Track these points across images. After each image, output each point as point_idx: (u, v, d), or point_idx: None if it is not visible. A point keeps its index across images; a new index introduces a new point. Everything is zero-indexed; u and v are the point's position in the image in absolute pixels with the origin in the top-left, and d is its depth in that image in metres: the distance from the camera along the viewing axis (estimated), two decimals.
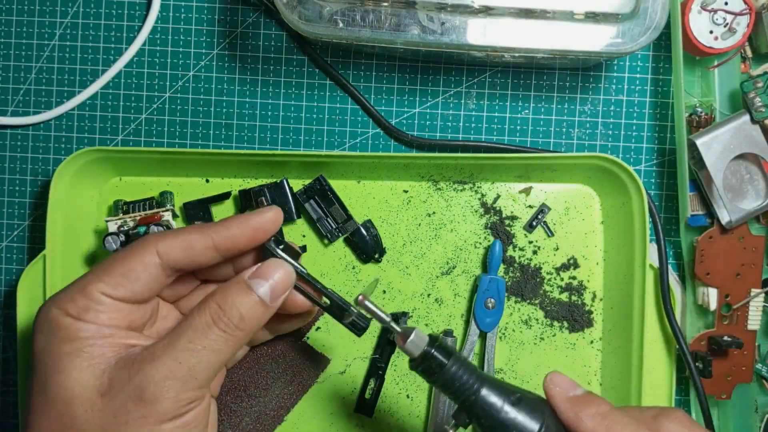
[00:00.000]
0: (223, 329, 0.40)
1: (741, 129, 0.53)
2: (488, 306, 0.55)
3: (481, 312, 0.55)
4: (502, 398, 0.39)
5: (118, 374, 0.38)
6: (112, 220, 0.53)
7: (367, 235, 0.56)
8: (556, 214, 0.57)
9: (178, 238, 0.42)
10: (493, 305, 0.55)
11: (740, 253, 0.55)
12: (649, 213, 0.54)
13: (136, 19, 0.58)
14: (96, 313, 0.39)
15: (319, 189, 0.56)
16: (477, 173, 0.57)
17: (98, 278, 0.40)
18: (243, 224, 0.42)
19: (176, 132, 0.59)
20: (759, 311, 0.55)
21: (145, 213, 0.54)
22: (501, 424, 0.39)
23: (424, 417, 0.57)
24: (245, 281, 0.41)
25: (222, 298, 0.40)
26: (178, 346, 0.39)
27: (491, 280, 0.55)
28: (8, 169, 0.59)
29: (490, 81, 0.58)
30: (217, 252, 0.42)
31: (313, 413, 0.56)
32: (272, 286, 0.41)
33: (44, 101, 0.59)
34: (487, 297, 0.55)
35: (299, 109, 0.58)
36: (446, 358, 0.40)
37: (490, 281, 0.55)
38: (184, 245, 0.41)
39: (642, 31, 0.48)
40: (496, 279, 0.55)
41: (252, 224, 0.42)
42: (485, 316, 0.55)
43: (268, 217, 0.43)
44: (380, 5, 0.48)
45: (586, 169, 0.56)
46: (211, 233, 0.42)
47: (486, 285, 0.55)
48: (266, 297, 0.41)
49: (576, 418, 0.39)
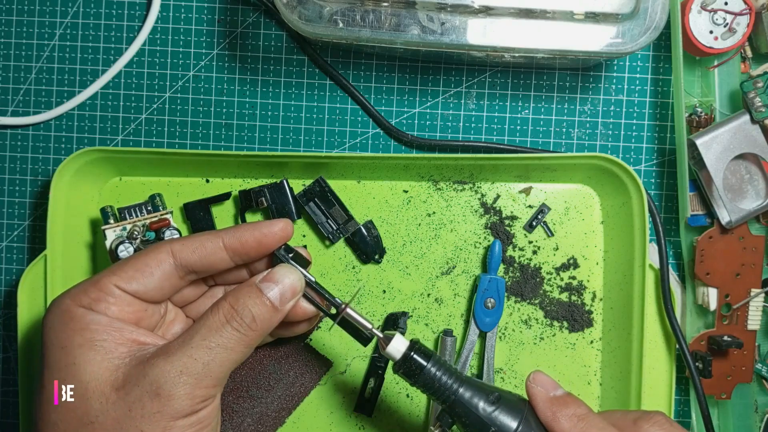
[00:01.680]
0: (236, 328, 0.40)
1: (741, 129, 0.53)
2: (488, 306, 0.55)
3: (481, 312, 0.55)
4: (481, 397, 0.41)
5: (132, 370, 0.38)
6: (110, 227, 0.53)
7: (368, 236, 0.56)
8: (556, 214, 0.57)
9: (190, 239, 0.43)
10: (493, 305, 0.55)
11: (740, 253, 0.55)
12: (650, 213, 0.54)
13: (136, 19, 0.58)
14: (107, 304, 0.40)
15: (319, 191, 0.56)
16: (477, 173, 0.57)
17: (112, 272, 0.41)
18: (254, 230, 0.44)
19: (176, 132, 0.59)
20: (759, 311, 0.55)
21: (145, 217, 0.53)
22: (480, 422, 0.40)
23: (423, 416, 0.57)
24: (256, 284, 0.42)
25: (234, 299, 0.41)
26: (193, 343, 0.39)
27: (491, 280, 0.55)
28: (8, 169, 0.59)
29: (490, 81, 0.58)
30: (227, 254, 0.44)
31: (313, 411, 0.56)
32: (282, 290, 0.43)
33: (44, 101, 0.59)
34: (486, 297, 0.55)
35: (299, 109, 0.58)
36: (425, 360, 0.42)
37: (490, 281, 0.55)
38: (196, 245, 0.43)
39: (642, 31, 0.48)
40: (495, 279, 0.55)
41: (263, 231, 0.44)
42: (485, 315, 0.55)
43: (279, 226, 0.44)
44: (380, 5, 0.48)
45: (586, 169, 0.56)
46: (222, 235, 0.44)
47: (486, 285, 0.55)
48: (276, 300, 0.42)
49: (553, 418, 0.40)
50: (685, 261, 0.56)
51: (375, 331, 0.44)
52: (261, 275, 0.43)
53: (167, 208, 0.55)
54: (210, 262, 0.43)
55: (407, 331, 0.57)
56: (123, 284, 0.41)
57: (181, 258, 0.43)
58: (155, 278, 0.42)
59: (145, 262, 0.42)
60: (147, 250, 0.43)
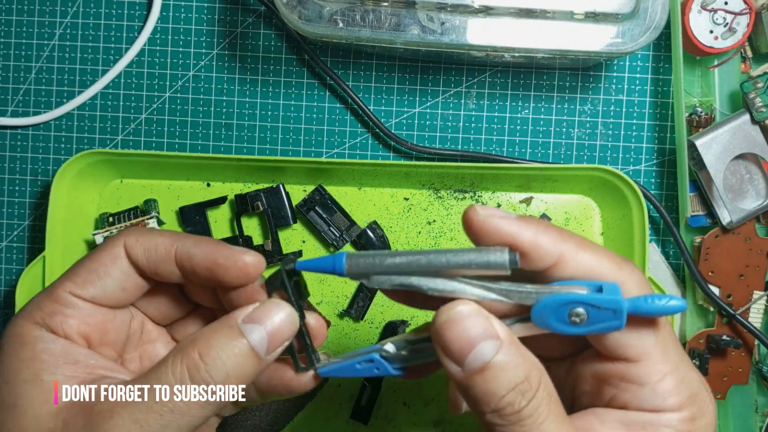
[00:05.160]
0: (201, 391, 0.31)
1: (741, 129, 0.53)
2: None
3: None
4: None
5: (74, 420, 0.32)
6: (99, 232, 0.54)
7: (374, 237, 0.56)
8: (556, 225, 0.57)
9: (146, 237, 0.36)
10: None
11: (745, 254, 0.55)
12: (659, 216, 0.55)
13: (137, 19, 0.58)
14: (63, 318, 0.34)
15: (319, 199, 0.56)
16: (478, 182, 0.57)
17: (66, 277, 0.35)
18: (210, 250, 0.35)
19: (176, 132, 0.59)
20: (760, 313, 0.55)
21: (130, 222, 0.54)
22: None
23: (420, 424, 0.57)
24: (238, 325, 0.33)
25: (206, 346, 0.32)
26: (141, 404, 0.31)
27: None
28: (8, 170, 0.59)
29: (490, 81, 0.58)
30: (177, 265, 0.35)
31: (309, 419, 0.56)
32: (270, 332, 0.33)
33: (44, 101, 0.59)
34: None
35: (299, 109, 0.58)
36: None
37: None
38: (148, 245, 0.35)
39: (642, 31, 0.48)
40: None
41: (218, 256, 0.34)
42: None
43: (241, 259, 0.34)
44: (380, 5, 0.48)
45: (587, 181, 0.56)
46: (177, 242, 0.35)
47: None
48: (261, 348, 0.33)
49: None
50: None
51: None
52: (244, 311, 0.33)
53: (158, 213, 0.55)
54: (158, 270, 0.36)
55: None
56: (78, 290, 0.35)
57: (132, 256, 0.35)
58: (113, 279, 0.35)
59: (99, 262, 0.35)
60: (101, 245, 0.36)
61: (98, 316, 0.35)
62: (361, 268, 0.32)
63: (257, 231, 0.57)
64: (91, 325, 0.35)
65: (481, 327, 0.30)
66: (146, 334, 0.39)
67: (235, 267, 0.34)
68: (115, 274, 0.35)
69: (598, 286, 0.31)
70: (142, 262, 0.35)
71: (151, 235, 0.36)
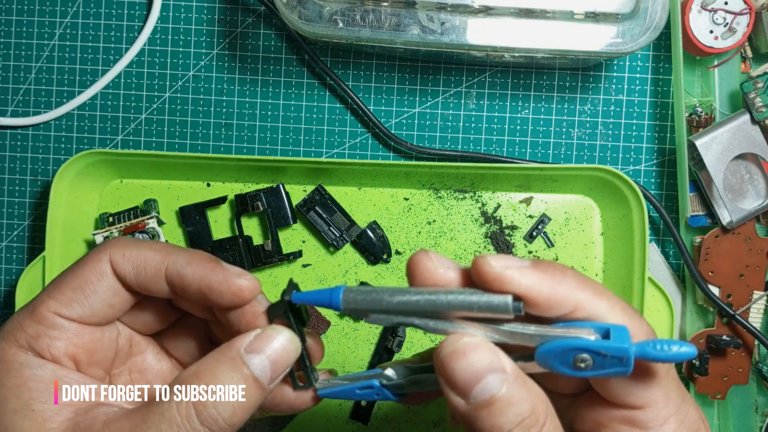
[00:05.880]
0: (208, 427, 0.30)
1: (741, 129, 0.53)
2: None
3: None
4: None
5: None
6: (99, 232, 0.54)
7: (374, 237, 0.56)
8: (556, 225, 0.57)
9: (134, 251, 0.34)
10: None
11: (746, 254, 0.55)
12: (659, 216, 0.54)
13: (137, 19, 0.58)
14: (50, 340, 0.32)
15: (319, 199, 0.56)
16: (478, 182, 0.57)
17: (49, 295, 0.33)
18: (204, 273, 0.33)
19: (176, 132, 0.59)
20: (760, 313, 0.55)
21: (130, 222, 0.54)
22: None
23: (419, 425, 0.57)
24: (240, 356, 0.32)
25: (211, 380, 0.31)
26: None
27: None
28: (8, 170, 0.59)
29: (490, 81, 0.58)
30: (167, 284, 0.34)
31: (309, 419, 0.56)
32: (273, 361, 0.32)
33: (44, 101, 0.59)
34: None
35: (299, 109, 0.58)
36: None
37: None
38: (136, 262, 0.34)
39: (642, 31, 0.47)
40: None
41: (212, 280, 0.33)
42: None
43: (235, 284, 0.33)
44: (380, 5, 0.48)
45: (587, 181, 0.56)
46: (168, 258, 0.34)
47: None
48: (264, 377, 0.32)
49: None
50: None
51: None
52: (246, 339, 0.32)
53: (158, 213, 0.55)
54: (150, 289, 0.34)
55: (406, 340, 0.57)
56: (64, 310, 0.33)
57: (119, 272, 0.34)
58: (100, 296, 0.33)
59: (84, 278, 0.33)
60: (84, 259, 0.34)
61: (86, 335, 0.34)
62: (359, 305, 0.31)
63: (257, 231, 0.57)
64: (79, 346, 0.33)
65: (488, 359, 0.29)
66: (135, 347, 0.38)
67: (230, 292, 0.33)
68: (102, 291, 0.34)
69: (605, 329, 0.29)
70: (130, 278, 0.34)
71: (139, 250, 0.34)
